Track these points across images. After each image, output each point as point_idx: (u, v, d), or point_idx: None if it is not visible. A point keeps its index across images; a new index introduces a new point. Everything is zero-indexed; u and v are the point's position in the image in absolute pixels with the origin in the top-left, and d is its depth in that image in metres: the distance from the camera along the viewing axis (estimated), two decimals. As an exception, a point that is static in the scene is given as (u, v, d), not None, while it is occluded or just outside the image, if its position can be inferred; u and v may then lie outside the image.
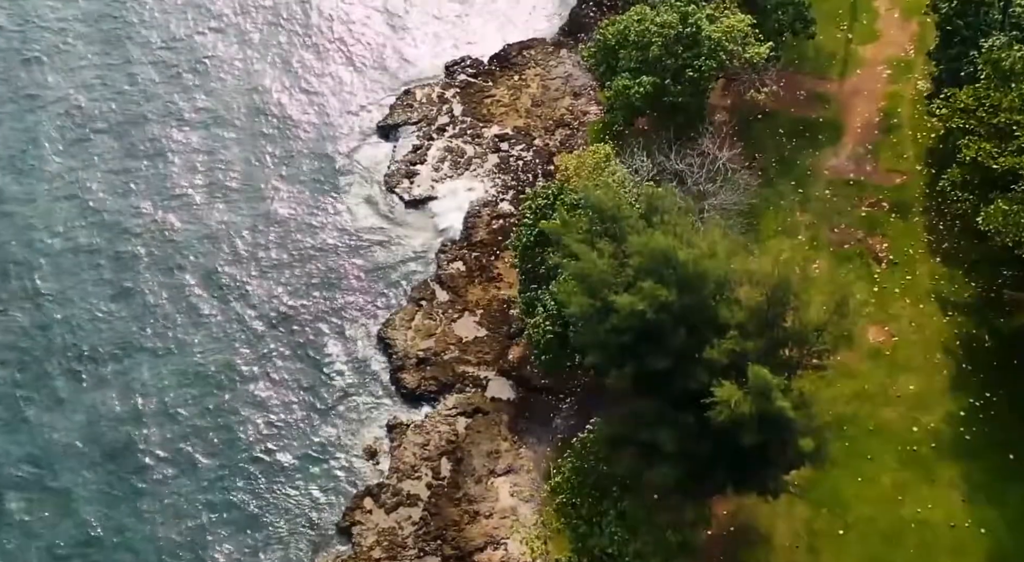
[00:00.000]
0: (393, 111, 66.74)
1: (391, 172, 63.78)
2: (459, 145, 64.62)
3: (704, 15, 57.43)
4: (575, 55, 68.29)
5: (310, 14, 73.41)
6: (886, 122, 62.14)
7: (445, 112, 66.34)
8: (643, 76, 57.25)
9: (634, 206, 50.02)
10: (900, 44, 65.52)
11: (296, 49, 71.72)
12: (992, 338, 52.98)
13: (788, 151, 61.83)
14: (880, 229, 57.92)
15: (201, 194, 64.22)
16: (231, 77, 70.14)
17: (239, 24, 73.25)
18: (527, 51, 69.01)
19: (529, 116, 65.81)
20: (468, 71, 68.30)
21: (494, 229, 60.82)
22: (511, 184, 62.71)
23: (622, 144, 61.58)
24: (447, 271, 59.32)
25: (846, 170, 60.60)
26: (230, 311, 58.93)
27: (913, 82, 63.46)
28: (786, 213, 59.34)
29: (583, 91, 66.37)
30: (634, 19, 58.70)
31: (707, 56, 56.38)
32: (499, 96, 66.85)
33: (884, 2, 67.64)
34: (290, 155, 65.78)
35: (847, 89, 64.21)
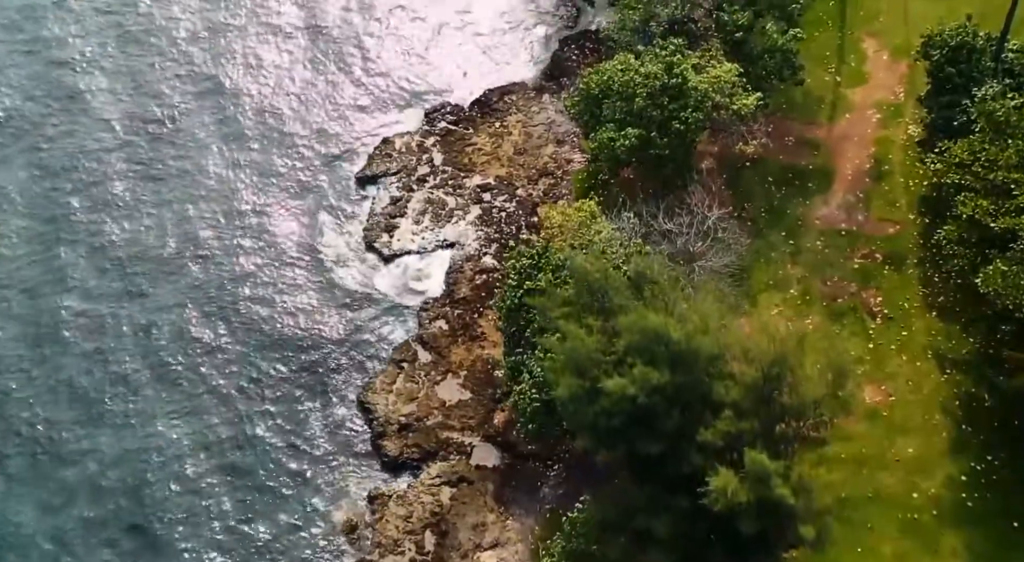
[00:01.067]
0: (371, 161, 64.84)
1: (370, 226, 61.89)
2: (440, 196, 62.82)
3: (690, 65, 55.90)
4: (558, 101, 66.64)
5: (282, 64, 71.29)
6: (877, 169, 60.66)
7: (425, 161, 64.53)
8: (628, 128, 55.62)
9: (622, 268, 48.55)
10: (889, 87, 64.09)
11: (268, 98, 69.59)
12: (992, 397, 51.37)
13: (778, 200, 60.26)
14: (874, 282, 56.35)
15: (170, 253, 62.02)
16: (204, 128, 67.90)
17: (208, 73, 70.91)
18: (508, 96, 67.30)
19: (511, 165, 64.09)
20: (448, 118, 66.50)
21: (477, 285, 58.99)
22: (494, 237, 60.90)
23: (607, 195, 60.22)
24: (429, 330, 57.43)
25: (837, 220, 59.04)
26: (200, 375, 56.84)
27: (904, 127, 62.00)
28: (777, 265, 57.71)
29: (566, 138, 64.70)
30: (618, 69, 57.10)
31: (694, 108, 54.82)
32: (480, 144, 65.11)
33: (872, 43, 66.28)
34: (264, 209, 63.68)
35: (836, 134, 62.70)
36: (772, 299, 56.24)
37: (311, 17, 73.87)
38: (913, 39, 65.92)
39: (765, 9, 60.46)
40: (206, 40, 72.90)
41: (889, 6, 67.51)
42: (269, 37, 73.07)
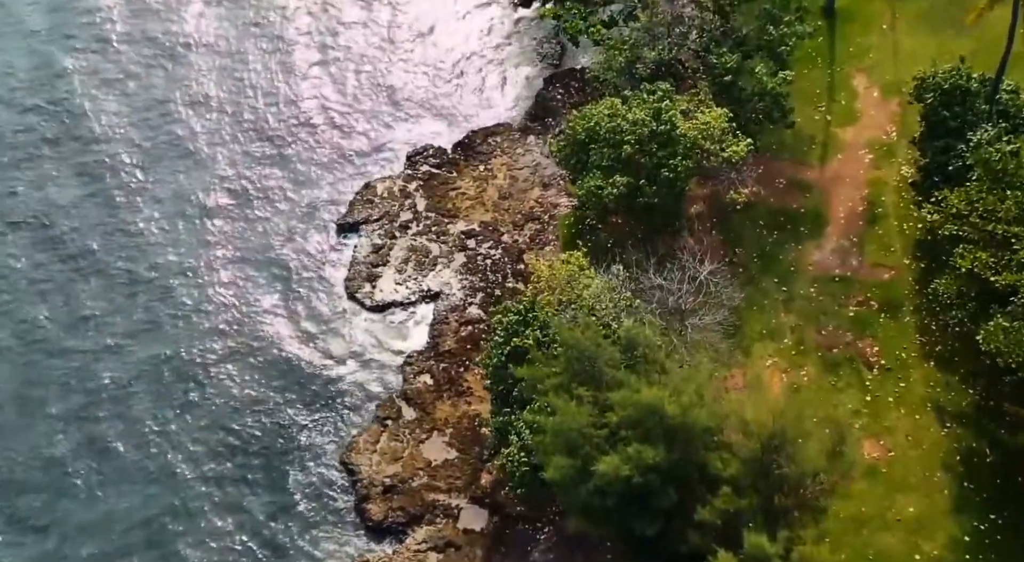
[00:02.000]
0: (352, 208, 63.01)
1: (351, 276, 60.00)
2: (423, 243, 61.10)
3: (678, 111, 54.49)
4: (543, 142, 65.06)
5: (255, 107, 69.16)
6: (870, 211, 59.26)
7: (408, 207, 62.79)
8: (616, 175, 54.17)
9: (612, 326, 47.05)
10: (881, 126, 62.74)
11: (241, 143, 67.26)
12: (994, 452, 49.92)
13: (769, 245, 58.75)
14: (870, 330, 54.90)
15: (141, 307, 59.78)
16: (174, 175, 65.69)
17: (176, 119, 68.65)
18: (492, 138, 65.66)
19: (496, 210, 62.47)
20: (431, 161, 64.72)
21: (462, 336, 57.28)
22: (479, 285, 59.23)
23: (595, 240, 58.73)
24: (413, 385, 55.64)
25: (831, 265, 57.59)
26: (173, 438, 54.58)
27: (897, 167, 60.68)
28: (770, 314, 56.20)
29: (552, 181, 63.14)
30: (604, 113, 55.54)
31: (683, 156, 53.39)
32: (464, 188, 63.47)
33: (862, 80, 64.98)
34: (240, 259, 61.57)
35: (828, 175, 61.30)
36: (766, 349, 54.76)
37: (285, 59, 71.71)
38: (904, 75, 64.82)
39: (753, 50, 59.28)
40: (171, 89, 70.41)
41: (879, 41, 66.33)
42: (237, 80, 70.66)
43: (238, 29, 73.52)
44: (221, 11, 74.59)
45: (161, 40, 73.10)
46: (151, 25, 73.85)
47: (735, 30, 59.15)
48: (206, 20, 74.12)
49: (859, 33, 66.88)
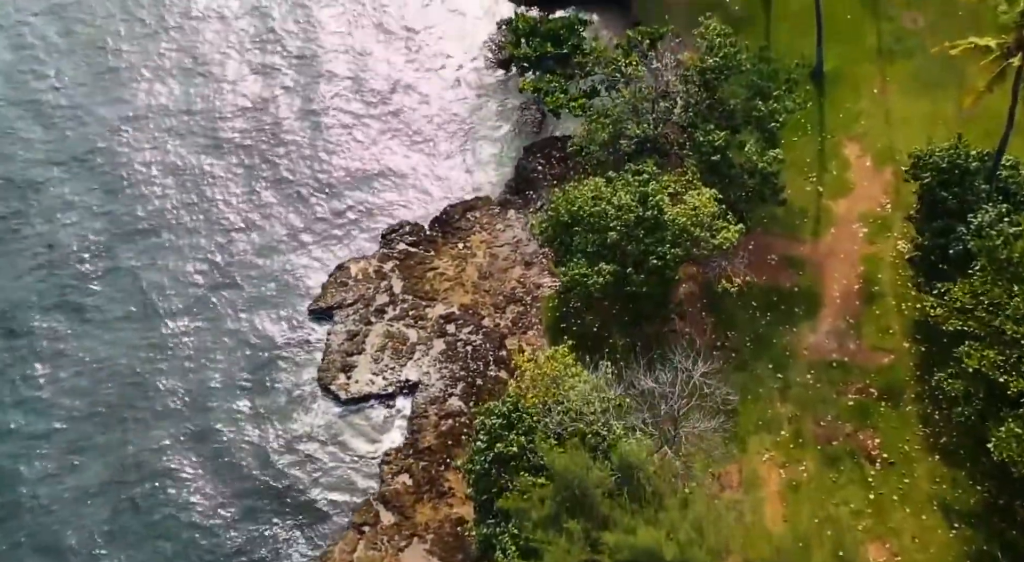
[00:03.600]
0: (326, 291, 59.96)
1: (325, 366, 56.98)
2: (400, 329, 58.18)
3: (665, 193, 51.94)
4: (524, 217, 62.36)
5: (219, 183, 65.89)
6: (867, 290, 56.85)
7: (384, 290, 59.84)
8: (601, 263, 51.59)
9: (602, 434, 44.37)
10: (875, 198, 60.38)
11: (207, 221, 64.05)
12: (1006, 556, 47.20)
13: (763, 327, 56.23)
14: (870, 421, 52.31)
15: (107, 404, 56.51)
16: (145, 255, 62.60)
17: (148, 199, 65.42)
18: (471, 213, 62.88)
19: (476, 291, 59.63)
20: (407, 239, 61.78)
21: (443, 431, 54.33)
22: (460, 375, 56.31)
23: (580, 324, 56.12)
24: (392, 486, 52.57)
25: (828, 349, 55.10)
26: (140, 546, 51.55)
27: (893, 242, 58.29)
28: (765, 403, 53.57)
29: (534, 259, 60.37)
30: (588, 196, 53.02)
31: (672, 243, 50.87)
32: (442, 268, 60.61)
33: (854, 148, 62.60)
34: (207, 350, 58.39)
35: (821, 251, 58.87)
36: (763, 443, 52.09)
37: (252, 129, 68.55)
38: (897, 142, 62.81)
39: (742, 123, 56.94)
40: (133, 169, 66.95)
41: (870, 106, 64.09)
42: (203, 154, 67.39)
43: (200, 101, 70.48)
44: (189, 80, 71.87)
45: (128, 121, 69.54)
46: (109, 105, 70.42)
47: (722, 102, 56.82)
48: (172, 93, 71.14)
49: (849, 98, 64.71)
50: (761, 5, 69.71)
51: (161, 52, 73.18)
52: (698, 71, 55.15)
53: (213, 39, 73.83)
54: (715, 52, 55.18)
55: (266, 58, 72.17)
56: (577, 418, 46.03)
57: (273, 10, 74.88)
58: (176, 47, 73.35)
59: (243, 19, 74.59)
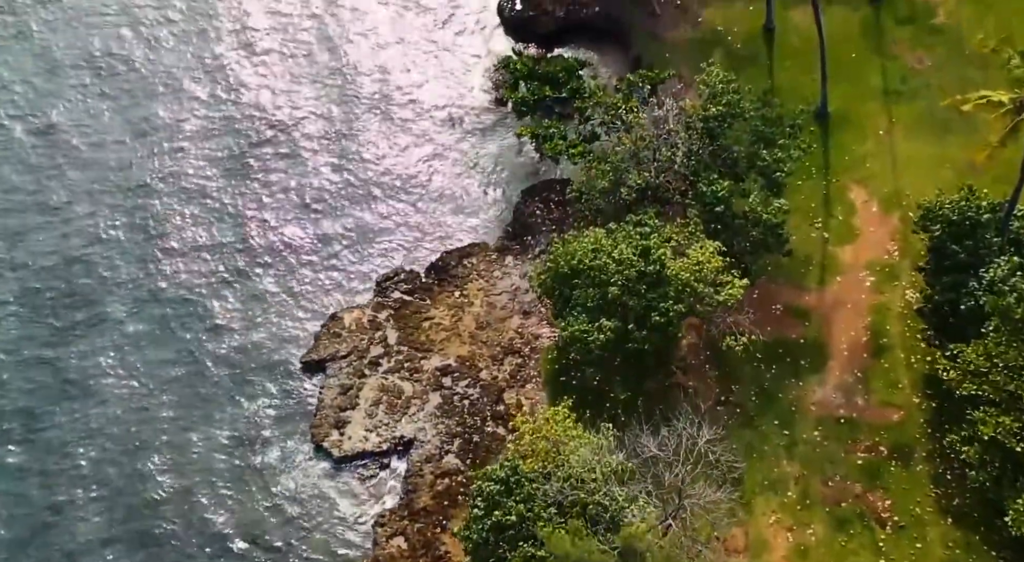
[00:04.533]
0: (318, 343, 58.35)
1: (318, 422, 55.34)
2: (395, 383, 56.55)
3: (668, 247, 50.39)
4: (522, 263, 60.84)
5: (216, 223, 64.30)
6: (875, 342, 55.21)
7: (378, 340, 58.23)
8: (602, 318, 50.02)
9: (604, 504, 42.75)
10: (882, 244, 58.83)
11: (195, 266, 62.28)
12: (1022, 627, 46.10)
13: (768, 381, 54.62)
14: (880, 481, 50.67)
15: (90, 460, 54.96)
16: (125, 305, 60.91)
17: (141, 256, 63.65)
18: (468, 259, 61.29)
19: (474, 342, 58.04)
20: (403, 287, 60.25)
21: (439, 491, 52.68)
22: (456, 430, 54.71)
23: (580, 377, 54.52)
24: (386, 550, 50.87)
25: (835, 405, 53.46)
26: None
27: (901, 292, 56.75)
28: (771, 462, 51.97)
29: (533, 308, 58.76)
30: (588, 249, 51.48)
31: (675, 299, 49.32)
32: (438, 317, 59.04)
33: (860, 193, 61.04)
34: (194, 404, 56.71)
35: (828, 301, 57.25)
36: (769, 504, 50.47)
37: (241, 173, 66.48)
38: (904, 186, 61.33)
39: (745, 171, 55.50)
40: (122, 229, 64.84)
41: (876, 149, 62.54)
42: (190, 199, 65.53)
43: (192, 145, 68.67)
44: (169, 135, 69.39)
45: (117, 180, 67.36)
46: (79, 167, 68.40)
47: (725, 149, 55.36)
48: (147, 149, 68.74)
49: (854, 140, 63.15)
50: (763, 43, 68.20)
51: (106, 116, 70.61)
52: (700, 119, 53.69)
53: (190, 87, 71.49)
54: (718, 99, 53.76)
55: (252, 100, 70.23)
56: (578, 486, 44.39)
57: (255, 53, 72.75)
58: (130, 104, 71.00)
59: (218, 72, 72.21)
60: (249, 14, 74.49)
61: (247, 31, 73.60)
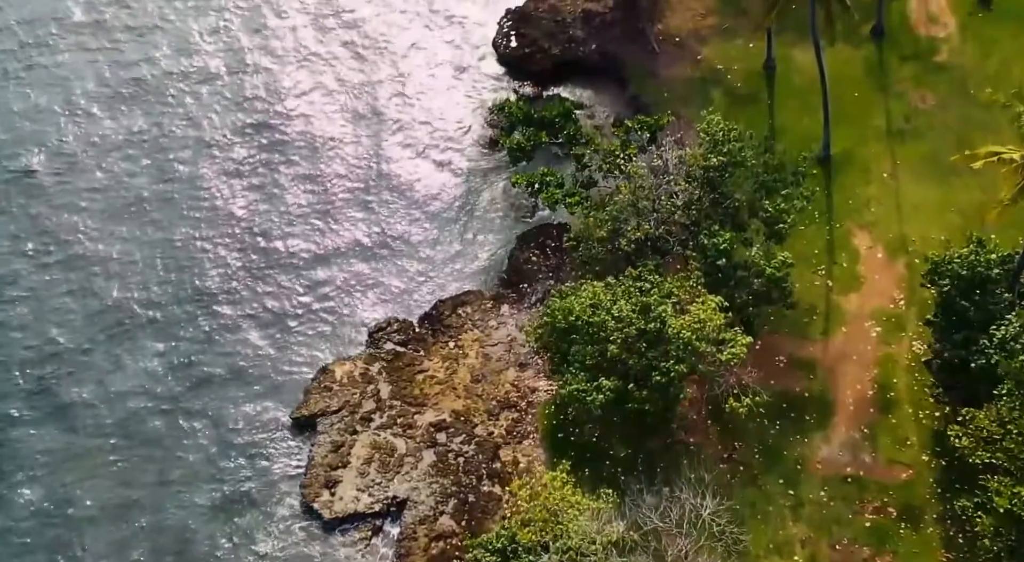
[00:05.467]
0: (309, 398, 56.39)
1: (308, 482, 53.30)
2: (388, 439, 54.76)
3: (669, 304, 48.83)
4: (518, 312, 59.08)
5: (205, 269, 62.39)
6: (882, 396, 53.65)
7: (370, 394, 56.37)
8: (601, 378, 48.43)
9: None
10: (887, 293, 57.28)
11: (180, 317, 60.30)
12: None
13: (772, 437, 52.99)
14: (890, 545, 48.96)
15: (58, 520, 53.16)
16: (117, 368, 58.72)
17: (124, 298, 61.67)
18: (462, 308, 59.53)
19: (469, 395, 56.28)
20: (395, 338, 58.39)
21: (433, 556, 50.66)
22: (451, 490, 52.88)
23: (579, 433, 52.96)
24: (379, 618, 49.51)
25: (842, 463, 51.81)
26: None
27: (908, 343, 55.20)
28: (777, 523, 50.22)
29: (529, 360, 56.86)
30: (586, 304, 49.92)
31: (676, 359, 47.76)
32: (432, 370, 57.28)
33: (864, 238, 59.55)
34: (179, 463, 54.70)
35: (832, 352, 55.69)
36: (776, 573, 49.11)
37: (228, 216, 64.66)
38: (909, 231, 59.88)
39: (747, 219, 53.96)
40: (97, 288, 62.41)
41: (880, 192, 61.12)
42: (177, 245, 63.43)
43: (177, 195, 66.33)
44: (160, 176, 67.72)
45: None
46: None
47: (726, 196, 53.85)
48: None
49: (858, 182, 61.72)
50: (764, 82, 66.85)
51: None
52: (701, 168, 52.20)
53: (167, 130, 69.43)
54: (718, 148, 52.28)
55: (237, 151, 68.13)
56: (577, 559, 42.82)
57: (245, 90, 71.10)
58: (137, 136, 69.13)
59: (209, 104, 70.55)
60: (244, 54, 73.05)
61: (235, 76, 72.06)
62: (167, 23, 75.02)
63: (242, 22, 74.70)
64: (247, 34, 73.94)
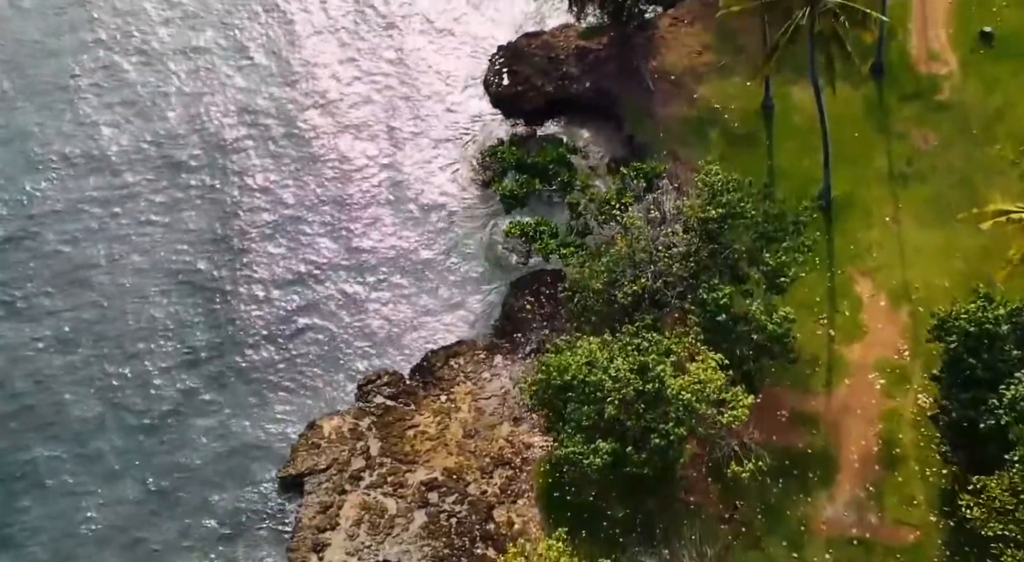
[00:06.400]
0: (296, 455, 54.55)
1: (295, 545, 51.25)
2: (378, 499, 52.88)
3: (667, 363, 47.23)
4: (512, 363, 57.38)
5: (186, 320, 60.72)
6: (887, 453, 51.93)
7: (360, 451, 54.59)
8: (599, 440, 46.80)
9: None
10: (891, 343, 55.62)
11: (163, 367, 58.59)
12: None
13: (775, 496, 51.21)
14: (899, 615, 47.77)
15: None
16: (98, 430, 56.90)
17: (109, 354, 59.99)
18: (454, 359, 57.80)
19: (461, 452, 54.48)
20: (386, 391, 56.58)
21: (425, 626, 49.45)
22: (443, 553, 50.90)
23: (575, 492, 51.24)
24: None
25: (847, 524, 50.04)
26: None
27: (912, 396, 53.55)
28: (781, 589, 49.02)
29: (524, 414, 55.16)
30: (582, 362, 48.28)
31: (676, 421, 46.15)
32: (424, 425, 55.48)
33: (866, 285, 57.93)
34: (160, 525, 52.78)
35: (835, 406, 54.02)
36: (782, 650, 47.41)
37: (211, 270, 62.70)
38: (912, 278, 58.30)
39: (746, 269, 52.36)
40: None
41: (882, 237, 59.50)
42: (159, 293, 61.90)
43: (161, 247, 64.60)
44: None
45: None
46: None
47: (725, 246, 52.30)
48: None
49: (860, 227, 60.13)
50: (762, 122, 65.32)
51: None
52: (700, 220, 50.69)
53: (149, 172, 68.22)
54: (717, 199, 50.78)
55: (227, 198, 66.52)
56: (574, 637, 41.25)
57: (227, 149, 69.01)
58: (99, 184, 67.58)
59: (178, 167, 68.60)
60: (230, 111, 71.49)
61: (222, 129, 70.44)
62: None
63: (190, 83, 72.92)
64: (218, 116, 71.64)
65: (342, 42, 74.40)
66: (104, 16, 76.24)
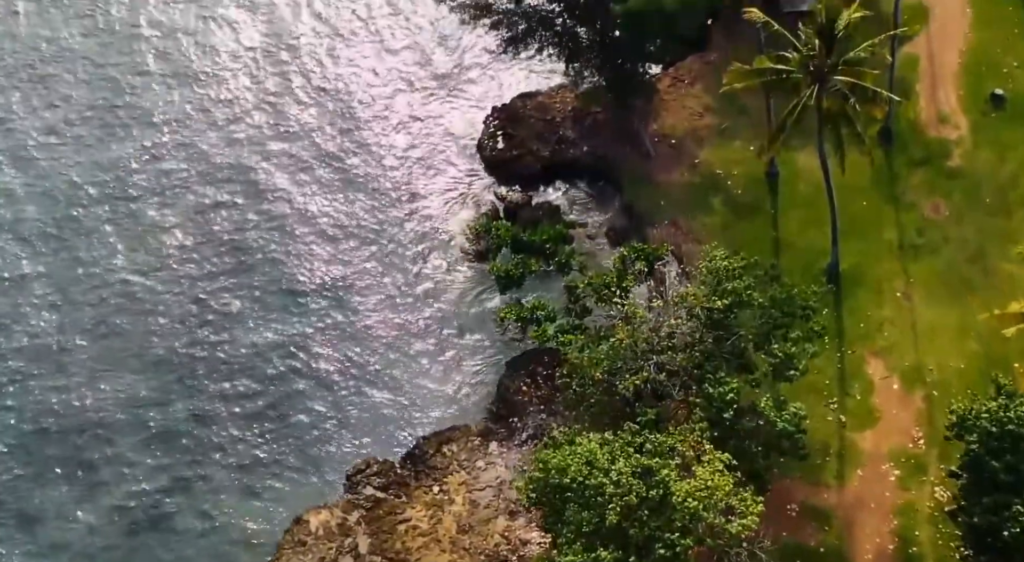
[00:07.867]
0: (281, 554, 51.82)
1: (279, 658, 49.56)
2: (368, 603, 50.76)
3: (672, 467, 44.61)
4: (507, 451, 54.89)
5: (172, 405, 58.13)
6: (903, 552, 49.32)
7: (348, 549, 51.81)
8: (600, 549, 44.09)
9: None
10: (906, 429, 53.09)
11: (134, 449, 56.23)
12: None
13: (787, 600, 49.20)
14: None
15: None
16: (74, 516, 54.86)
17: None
18: (447, 446, 55.22)
19: (455, 549, 51.79)
20: (375, 482, 53.95)
21: None
22: (436, 661, 48.88)
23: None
24: None
25: (863, 631, 48.06)
26: None
27: (929, 488, 51.00)
28: None
29: (520, 507, 52.66)
30: (581, 463, 45.60)
31: (681, 530, 43.56)
32: (415, 519, 52.76)
33: (878, 366, 55.41)
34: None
35: (848, 500, 51.48)
36: None
37: (189, 349, 60.27)
38: (925, 358, 55.78)
39: (754, 356, 49.90)
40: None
41: (893, 314, 57.01)
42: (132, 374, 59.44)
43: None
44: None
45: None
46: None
47: (731, 333, 49.86)
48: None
49: (870, 303, 57.60)
50: (766, 189, 62.89)
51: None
52: (704, 310, 48.24)
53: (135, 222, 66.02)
54: (722, 286, 48.36)
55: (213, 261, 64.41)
56: None
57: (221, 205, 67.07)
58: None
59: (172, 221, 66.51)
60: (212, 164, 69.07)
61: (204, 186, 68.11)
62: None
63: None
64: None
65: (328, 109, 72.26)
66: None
